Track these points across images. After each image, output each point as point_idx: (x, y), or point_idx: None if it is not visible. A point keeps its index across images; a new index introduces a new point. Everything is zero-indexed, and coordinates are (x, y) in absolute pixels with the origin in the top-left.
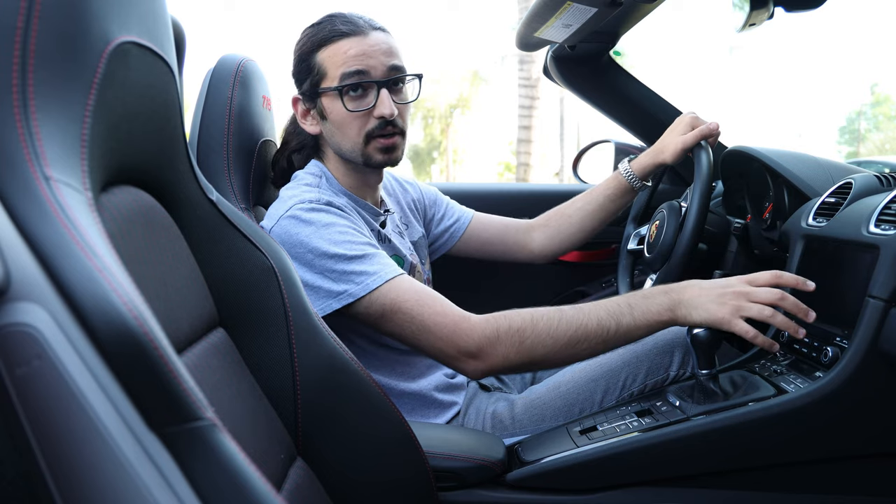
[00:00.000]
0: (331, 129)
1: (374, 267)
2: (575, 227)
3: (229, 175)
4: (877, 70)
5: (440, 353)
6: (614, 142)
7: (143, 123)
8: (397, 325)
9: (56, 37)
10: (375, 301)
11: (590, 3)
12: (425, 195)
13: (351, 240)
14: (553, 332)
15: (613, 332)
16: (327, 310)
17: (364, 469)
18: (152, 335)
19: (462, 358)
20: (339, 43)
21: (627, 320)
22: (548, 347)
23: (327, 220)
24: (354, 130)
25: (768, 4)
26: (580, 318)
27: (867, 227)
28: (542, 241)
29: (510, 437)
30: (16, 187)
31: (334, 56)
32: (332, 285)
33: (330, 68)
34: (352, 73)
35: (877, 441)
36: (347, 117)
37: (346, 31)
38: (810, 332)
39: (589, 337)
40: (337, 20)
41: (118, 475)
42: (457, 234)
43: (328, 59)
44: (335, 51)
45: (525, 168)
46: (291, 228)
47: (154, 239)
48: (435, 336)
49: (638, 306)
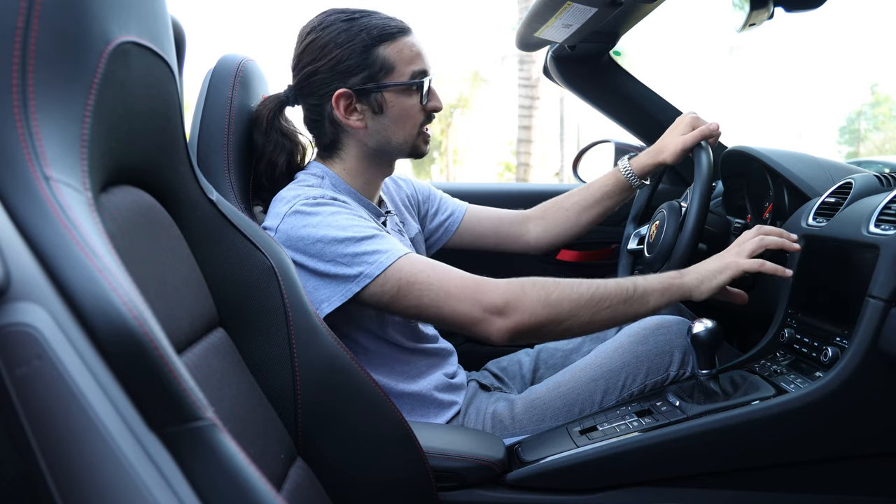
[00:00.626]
0: (384, 123)
1: (385, 245)
2: (571, 221)
3: (229, 175)
4: (877, 70)
5: (464, 316)
6: (614, 142)
7: (143, 123)
8: (415, 296)
9: (56, 37)
10: (391, 277)
11: (590, 3)
12: (419, 191)
13: (358, 224)
14: (577, 289)
15: (632, 293)
16: (348, 294)
17: (364, 469)
18: (152, 335)
19: (488, 318)
20: (405, 39)
21: (645, 285)
22: (573, 302)
23: (333, 210)
24: (413, 123)
25: (768, 4)
26: (598, 282)
27: (867, 227)
28: (538, 233)
29: (510, 437)
30: (16, 187)
31: (401, 52)
32: (347, 269)
33: (398, 64)
34: (422, 71)
35: (877, 441)
36: (414, 111)
37: (405, 27)
38: (810, 332)
39: (610, 296)
40: (387, 18)
41: (118, 475)
42: (451, 229)
43: (395, 55)
44: (401, 47)
45: (525, 168)
46: (298, 223)
47: (154, 239)
48: (458, 298)
49: (655, 277)
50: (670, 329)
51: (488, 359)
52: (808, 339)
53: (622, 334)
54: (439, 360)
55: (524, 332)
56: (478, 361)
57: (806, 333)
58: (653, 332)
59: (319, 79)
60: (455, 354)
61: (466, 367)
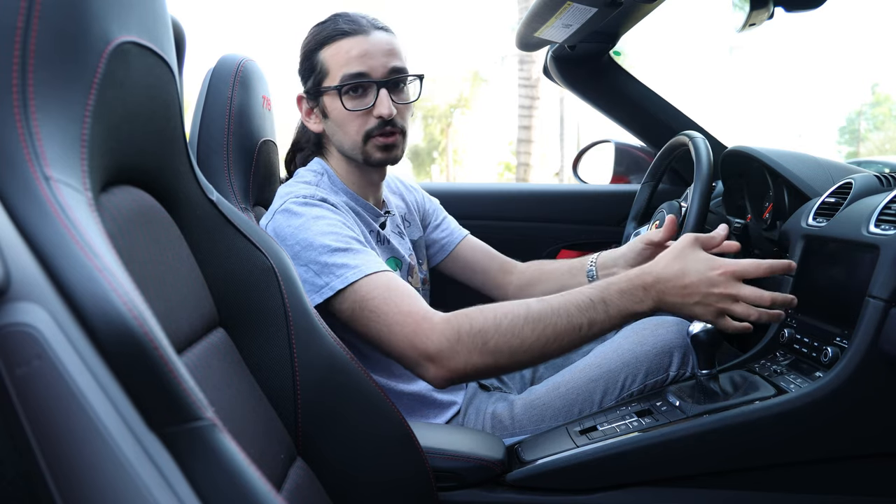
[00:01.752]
0: (332, 127)
1: (357, 261)
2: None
3: (229, 175)
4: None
5: (402, 357)
6: (614, 142)
7: (143, 123)
8: (364, 323)
9: (56, 37)
10: (348, 297)
11: (590, 3)
12: (427, 201)
13: (337, 231)
14: (519, 332)
15: (586, 331)
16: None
17: (364, 469)
18: (152, 335)
19: (423, 363)
20: (342, 42)
21: (602, 318)
22: (514, 348)
23: (318, 213)
24: (354, 129)
25: (768, 4)
26: (548, 316)
27: (867, 227)
28: (515, 288)
29: (510, 437)
30: (16, 187)
31: (336, 55)
32: (315, 278)
33: (332, 67)
34: (353, 74)
35: (877, 441)
36: (347, 116)
37: (348, 30)
38: (810, 332)
39: (559, 336)
40: (340, 19)
41: (118, 475)
42: (447, 249)
43: (330, 58)
44: (337, 50)
45: (525, 168)
46: (283, 222)
47: (154, 239)
48: (397, 337)
49: (613, 303)
50: (670, 329)
51: None
52: (808, 339)
53: (622, 334)
54: None
55: (463, 378)
56: None
57: (806, 333)
58: (652, 332)
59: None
60: None
61: None
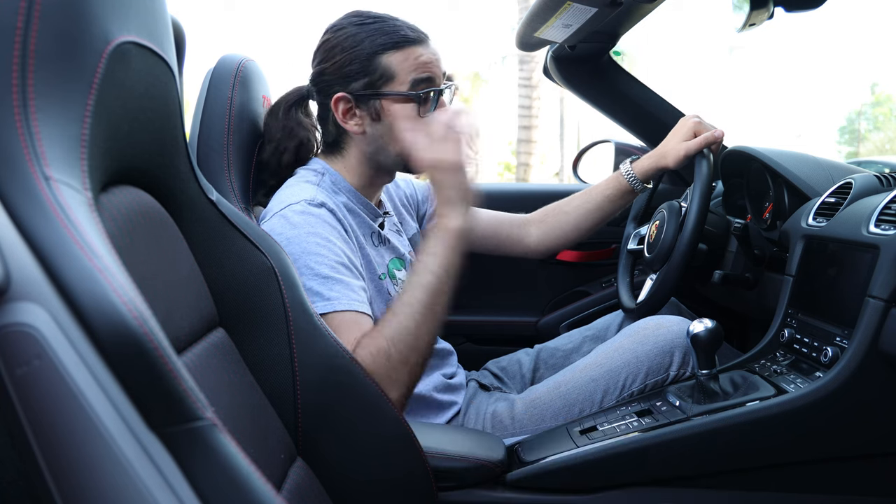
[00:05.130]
0: (382, 132)
1: (332, 293)
2: (571, 225)
3: (229, 175)
4: (877, 70)
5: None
6: (614, 142)
7: (143, 123)
8: None
9: (56, 37)
10: None
11: (590, 3)
12: (418, 191)
13: (325, 254)
14: (406, 324)
15: (437, 283)
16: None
17: (364, 469)
18: (152, 335)
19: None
20: (412, 49)
21: (433, 266)
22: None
23: (311, 229)
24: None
25: (768, 4)
26: (414, 294)
27: (867, 227)
28: (538, 237)
29: (510, 437)
30: (16, 187)
31: (406, 61)
32: None
33: (400, 72)
34: (424, 80)
35: (877, 441)
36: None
37: (414, 37)
38: (810, 332)
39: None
40: (400, 24)
41: (118, 475)
42: None
43: (399, 63)
44: (407, 56)
45: (525, 168)
46: (278, 226)
47: (154, 239)
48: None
49: (433, 253)
50: (670, 329)
51: (488, 358)
52: (808, 339)
53: (622, 334)
54: (437, 361)
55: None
56: (478, 361)
57: (806, 333)
58: (653, 332)
59: (325, 80)
60: (454, 355)
61: (466, 367)
